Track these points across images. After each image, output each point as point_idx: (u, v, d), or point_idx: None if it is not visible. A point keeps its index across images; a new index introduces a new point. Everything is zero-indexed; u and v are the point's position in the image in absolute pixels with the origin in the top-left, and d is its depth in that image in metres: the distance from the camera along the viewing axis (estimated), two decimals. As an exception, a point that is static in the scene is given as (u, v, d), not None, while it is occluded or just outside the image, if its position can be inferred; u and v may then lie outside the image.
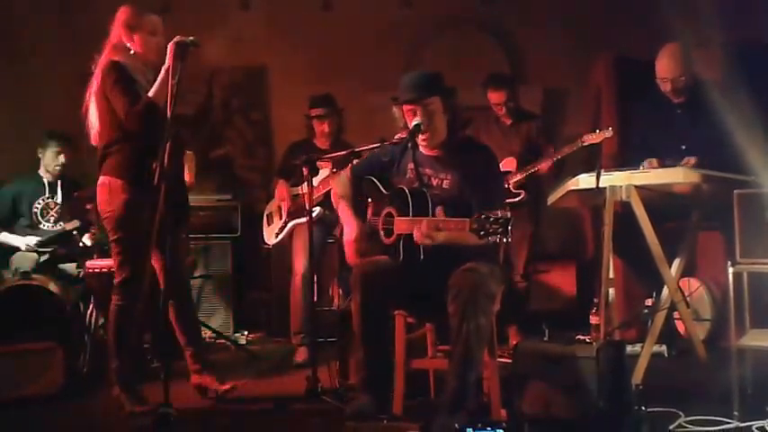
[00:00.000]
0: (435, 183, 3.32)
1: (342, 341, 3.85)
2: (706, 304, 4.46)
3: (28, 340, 3.90)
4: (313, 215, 3.92)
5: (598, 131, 4.50)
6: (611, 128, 4.48)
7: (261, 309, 5.73)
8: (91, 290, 4.39)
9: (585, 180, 3.68)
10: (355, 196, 3.55)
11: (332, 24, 6.15)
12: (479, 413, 3.08)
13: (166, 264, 3.54)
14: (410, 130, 3.28)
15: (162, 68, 3.36)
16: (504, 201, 3.62)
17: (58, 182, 4.94)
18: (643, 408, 2.93)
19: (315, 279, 3.91)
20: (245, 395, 3.77)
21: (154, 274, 3.58)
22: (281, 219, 4.77)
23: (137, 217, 3.39)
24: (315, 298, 3.96)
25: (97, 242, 4.66)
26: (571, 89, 6.07)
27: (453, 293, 3.05)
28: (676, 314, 4.04)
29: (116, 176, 3.46)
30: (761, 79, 4.10)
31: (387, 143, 3.55)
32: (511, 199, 4.61)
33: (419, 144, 3.37)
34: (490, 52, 6.14)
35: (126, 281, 3.48)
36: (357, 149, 3.84)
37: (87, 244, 4.74)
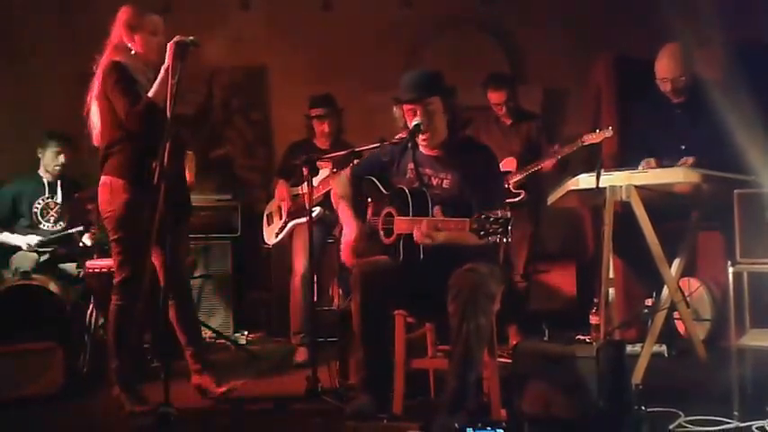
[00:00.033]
0: (435, 182, 3.32)
1: (342, 341, 3.84)
2: (706, 304, 4.46)
3: (28, 340, 3.90)
4: (313, 215, 3.92)
5: (598, 131, 4.51)
6: (610, 127, 4.49)
7: (261, 309, 5.73)
8: (91, 290, 4.38)
9: (585, 180, 3.67)
10: (355, 196, 3.55)
11: (332, 24, 6.15)
12: (479, 413, 3.08)
13: (166, 262, 3.54)
14: (410, 130, 3.28)
15: (161, 68, 3.36)
16: (504, 201, 3.61)
17: (58, 182, 4.93)
18: (643, 408, 2.93)
19: (315, 279, 3.91)
20: (245, 395, 3.77)
21: (154, 273, 3.58)
22: (281, 219, 4.77)
23: (137, 217, 3.39)
24: (315, 298, 3.95)
25: (97, 242, 4.67)
26: (571, 89, 6.07)
27: (453, 293, 3.05)
28: (676, 314, 4.04)
29: (118, 176, 3.46)
30: (761, 79, 4.09)
31: (387, 143, 3.55)
32: (511, 199, 4.61)
33: (419, 144, 3.37)
34: (490, 52, 6.14)
35: (126, 281, 3.48)
36: (357, 149, 3.83)
37: (87, 244, 4.75)
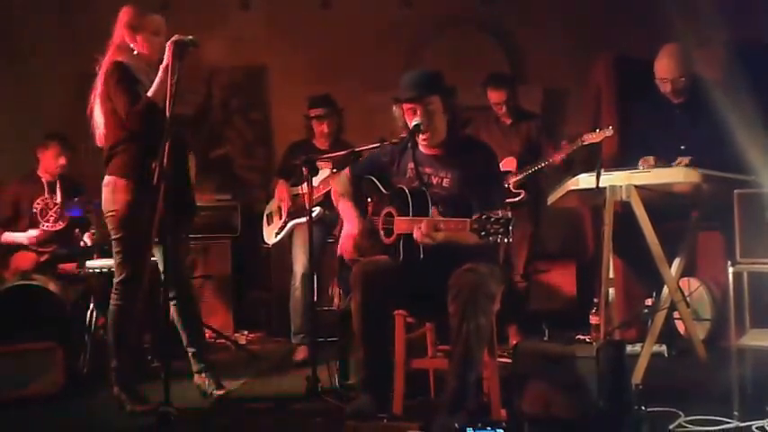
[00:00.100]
0: (435, 182, 3.31)
1: (342, 341, 3.84)
2: (706, 304, 4.45)
3: (28, 340, 3.90)
4: (313, 215, 3.92)
5: (598, 131, 4.51)
6: (611, 126, 4.48)
7: (261, 309, 5.74)
8: (91, 290, 4.39)
9: (585, 180, 3.67)
10: (355, 195, 3.55)
11: (332, 24, 6.15)
12: (479, 413, 3.07)
13: (166, 262, 3.54)
14: (410, 130, 3.28)
15: (160, 67, 3.36)
16: (504, 200, 3.61)
17: (58, 182, 4.93)
18: (643, 408, 2.92)
19: (315, 279, 3.91)
20: (245, 395, 3.76)
21: (154, 272, 3.58)
22: (281, 219, 4.77)
23: (139, 217, 3.39)
24: (315, 298, 3.96)
25: (97, 242, 4.67)
26: (571, 89, 6.07)
27: (453, 293, 3.04)
28: (676, 314, 4.04)
29: (121, 176, 3.46)
30: (761, 79, 4.08)
31: (387, 143, 3.55)
32: (511, 199, 4.61)
33: (419, 143, 3.36)
34: (490, 52, 6.14)
35: (126, 280, 3.48)
36: (357, 149, 3.84)
37: (87, 244, 4.74)
